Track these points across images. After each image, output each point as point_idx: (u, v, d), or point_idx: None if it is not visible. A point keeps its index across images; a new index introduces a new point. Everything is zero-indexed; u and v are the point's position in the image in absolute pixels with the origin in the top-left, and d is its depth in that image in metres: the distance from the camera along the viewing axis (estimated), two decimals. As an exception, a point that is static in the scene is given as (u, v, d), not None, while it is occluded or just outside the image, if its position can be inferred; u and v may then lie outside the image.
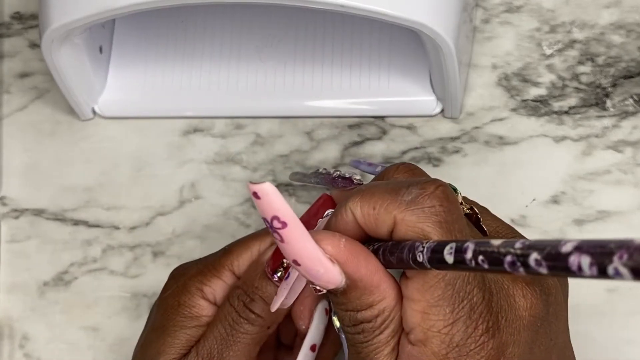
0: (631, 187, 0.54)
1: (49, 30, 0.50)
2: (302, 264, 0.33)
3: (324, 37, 0.58)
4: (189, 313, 0.44)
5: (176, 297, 0.45)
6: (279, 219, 0.32)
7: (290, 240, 0.33)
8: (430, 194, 0.35)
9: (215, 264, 0.46)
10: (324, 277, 0.34)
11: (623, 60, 0.57)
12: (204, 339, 0.44)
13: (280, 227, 0.32)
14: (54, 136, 0.59)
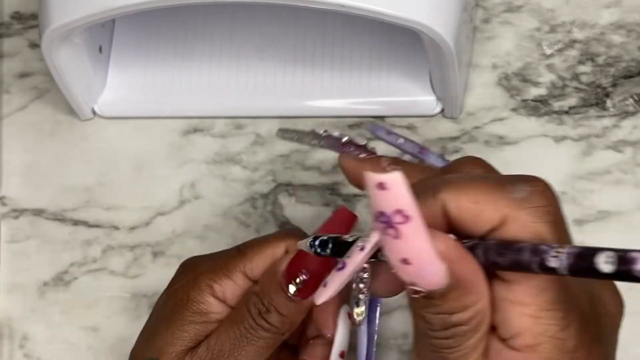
0: (631, 187, 0.54)
1: (48, 30, 0.50)
2: (414, 262, 0.31)
3: (324, 37, 0.58)
4: (198, 309, 0.44)
5: (186, 291, 0.45)
6: (402, 213, 0.30)
7: (409, 236, 0.30)
8: (541, 192, 0.33)
9: (227, 264, 0.45)
10: (434, 278, 0.31)
11: (623, 60, 0.57)
12: (216, 335, 0.44)
13: (402, 221, 0.30)
14: (54, 136, 0.59)
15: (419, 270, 0.31)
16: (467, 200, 0.33)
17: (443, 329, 0.33)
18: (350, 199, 0.55)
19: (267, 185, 0.56)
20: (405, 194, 0.29)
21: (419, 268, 0.31)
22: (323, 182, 0.56)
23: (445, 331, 0.33)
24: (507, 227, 0.32)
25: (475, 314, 0.32)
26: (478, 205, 0.32)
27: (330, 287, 0.35)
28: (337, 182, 0.56)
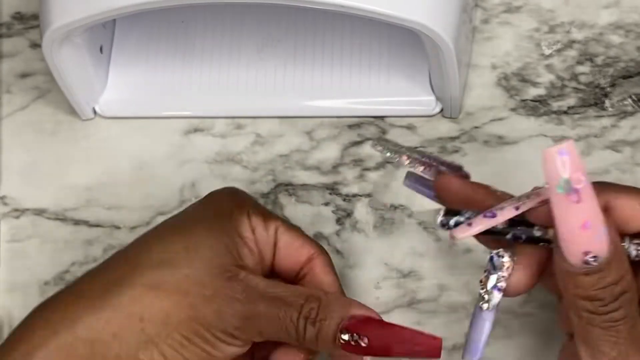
0: (630, 186, 0.55)
1: (49, 30, 0.50)
2: (592, 225, 0.35)
3: (324, 37, 0.58)
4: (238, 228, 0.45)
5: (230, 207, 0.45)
6: (581, 177, 0.34)
7: (589, 199, 0.35)
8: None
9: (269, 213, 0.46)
10: (604, 244, 0.35)
11: (622, 60, 0.58)
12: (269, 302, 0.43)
13: (582, 186, 0.34)
14: (55, 136, 0.59)
15: (596, 234, 0.35)
16: (631, 200, 0.38)
17: (613, 299, 0.36)
18: (350, 199, 0.56)
19: (267, 185, 0.57)
20: (580, 160, 0.35)
21: (596, 231, 0.35)
22: (323, 182, 0.56)
23: (615, 302, 0.36)
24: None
25: (631, 280, 0.37)
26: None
27: (474, 228, 0.38)
28: (337, 182, 0.56)
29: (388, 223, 0.55)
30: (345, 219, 0.55)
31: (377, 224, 0.55)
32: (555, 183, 0.35)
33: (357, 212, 0.55)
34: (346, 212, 0.55)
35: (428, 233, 0.54)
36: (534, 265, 0.40)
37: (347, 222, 0.55)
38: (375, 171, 0.56)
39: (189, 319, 0.42)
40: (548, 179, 0.36)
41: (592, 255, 0.36)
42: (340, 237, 0.55)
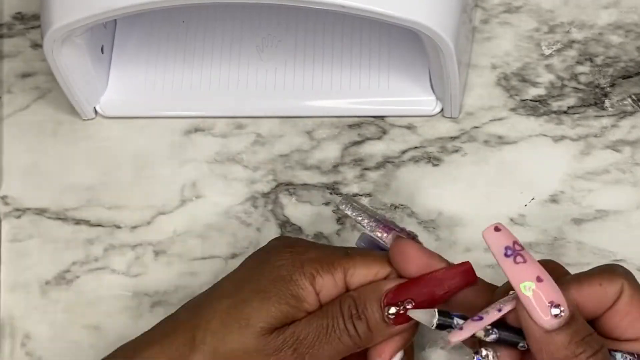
0: (630, 186, 0.55)
1: (50, 30, 0.50)
2: (544, 277, 0.39)
3: (324, 37, 0.59)
4: (297, 292, 0.44)
5: (290, 271, 0.44)
6: (517, 242, 0.40)
7: (531, 258, 0.40)
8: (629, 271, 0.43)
9: (334, 261, 0.45)
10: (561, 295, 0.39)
11: (622, 60, 0.58)
12: (306, 322, 0.44)
13: (520, 249, 0.40)
14: (56, 136, 0.59)
15: (551, 286, 0.39)
16: (593, 284, 0.41)
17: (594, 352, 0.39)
18: (351, 199, 0.56)
19: (267, 185, 0.57)
20: (510, 232, 0.41)
21: (551, 284, 0.39)
22: (323, 182, 0.56)
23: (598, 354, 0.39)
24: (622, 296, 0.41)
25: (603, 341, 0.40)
26: (602, 286, 0.41)
27: (466, 332, 0.41)
28: (337, 182, 0.56)
29: (388, 223, 0.55)
30: (345, 219, 0.55)
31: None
32: (501, 252, 0.40)
33: (358, 212, 0.55)
34: (347, 212, 0.55)
35: (428, 232, 0.54)
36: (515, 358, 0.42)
37: (348, 222, 0.55)
38: (375, 171, 0.56)
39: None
40: (494, 251, 0.40)
41: (557, 304, 0.39)
42: (341, 237, 0.55)
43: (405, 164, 0.56)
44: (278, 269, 0.45)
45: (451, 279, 0.43)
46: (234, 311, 0.44)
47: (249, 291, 0.44)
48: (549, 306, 0.39)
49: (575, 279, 0.42)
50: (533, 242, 0.54)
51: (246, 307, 0.44)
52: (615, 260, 0.53)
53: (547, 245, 0.53)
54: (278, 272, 0.45)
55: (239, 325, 0.43)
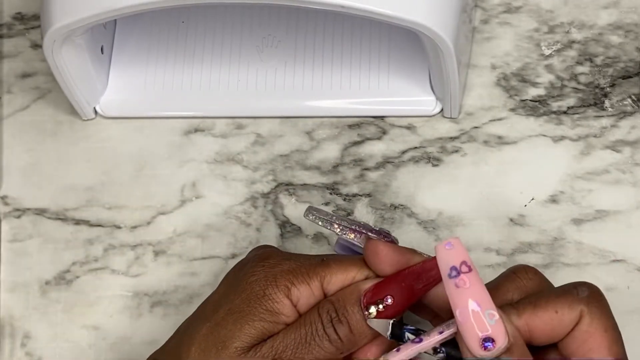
0: (629, 186, 0.55)
1: (50, 30, 0.50)
2: (481, 305, 0.39)
3: (324, 37, 0.59)
4: (271, 307, 0.44)
5: (263, 287, 0.44)
6: (466, 264, 0.39)
7: (475, 283, 0.39)
8: (597, 291, 0.42)
9: (309, 271, 0.45)
10: (497, 327, 0.39)
11: (621, 60, 0.58)
12: (283, 335, 0.43)
13: (467, 271, 0.39)
14: (56, 136, 0.59)
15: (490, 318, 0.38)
16: (548, 311, 0.41)
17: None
18: (350, 199, 0.56)
19: (267, 185, 0.57)
20: (464, 250, 0.40)
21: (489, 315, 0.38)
22: (323, 182, 0.56)
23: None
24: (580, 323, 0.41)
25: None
26: (558, 313, 0.41)
27: (403, 353, 0.41)
28: (337, 182, 0.56)
29: (388, 223, 0.55)
30: (345, 219, 0.55)
31: (377, 224, 0.55)
32: (446, 271, 0.39)
33: (357, 212, 0.56)
34: (346, 212, 0.55)
35: (428, 233, 0.54)
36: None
37: (347, 222, 0.55)
38: (375, 171, 0.56)
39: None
40: (440, 269, 0.40)
41: (489, 339, 0.38)
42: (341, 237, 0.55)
43: (405, 164, 0.56)
44: (251, 285, 0.44)
45: (429, 271, 0.43)
46: (211, 335, 0.44)
47: (224, 313, 0.44)
48: (482, 339, 0.38)
49: (531, 303, 0.42)
50: (533, 242, 0.54)
51: (221, 329, 0.44)
52: (615, 260, 0.53)
53: (546, 246, 0.53)
54: (251, 288, 0.44)
55: (216, 349, 0.43)
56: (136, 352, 0.53)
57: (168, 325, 0.54)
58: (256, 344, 0.43)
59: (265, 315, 0.44)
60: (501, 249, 0.54)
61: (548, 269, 0.53)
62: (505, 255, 0.53)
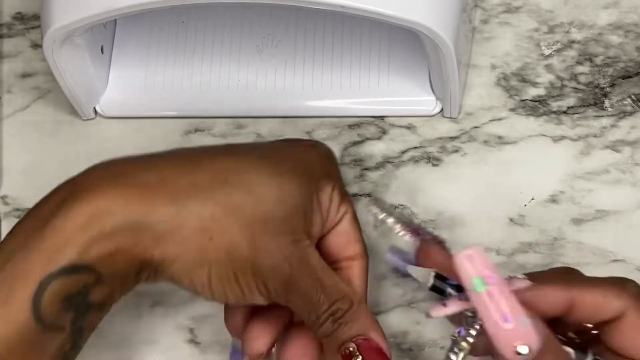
0: (629, 186, 0.55)
1: (50, 30, 0.50)
2: (512, 318, 0.38)
3: (324, 37, 0.59)
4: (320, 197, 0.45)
5: (332, 179, 0.46)
6: (490, 274, 0.38)
7: (501, 292, 0.38)
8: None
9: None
10: (529, 333, 0.38)
11: (621, 60, 0.58)
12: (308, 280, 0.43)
13: (493, 282, 0.38)
14: (56, 136, 0.59)
15: (519, 326, 0.38)
16: (596, 294, 0.41)
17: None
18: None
19: (267, 185, 0.57)
20: (487, 259, 0.38)
21: (518, 323, 0.38)
22: (323, 182, 0.56)
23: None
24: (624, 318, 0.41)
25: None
26: (605, 298, 0.41)
27: (449, 309, 0.40)
28: (337, 182, 0.56)
29: (388, 223, 0.55)
30: (345, 219, 0.55)
31: (377, 224, 0.55)
32: (469, 284, 0.38)
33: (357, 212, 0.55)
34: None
35: (428, 233, 0.55)
36: None
37: (347, 222, 0.55)
38: (375, 171, 0.56)
39: (247, 261, 0.42)
40: (464, 282, 0.39)
41: (522, 346, 0.38)
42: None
43: (405, 164, 0.56)
44: (312, 166, 0.45)
45: None
46: (276, 193, 0.43)
47: (293, 182, 0.44)
48: (515, 346, 0.38)
49: (583, 281, 0.42)
50: (533, 242, 0.54)
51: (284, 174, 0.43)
52: (615, 260, 0.53)
53: (546, 246, 0.53)
54: (312, 166, 0.45)
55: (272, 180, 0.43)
56: (136, 352, 0.53)
57: (168, 325, 0.54)
58: (299, 224, 0.43)
59: (315, 201, 0.44)
60: (501, 248, 0.54)
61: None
62: (505, 255, 0.53)
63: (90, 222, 0.40)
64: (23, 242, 0.40)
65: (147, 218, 0.41)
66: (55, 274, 0.39)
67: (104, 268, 0.40)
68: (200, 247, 0.41)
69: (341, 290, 0.44)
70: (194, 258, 0.42)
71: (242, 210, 0.42)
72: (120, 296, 0.43)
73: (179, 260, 0.42)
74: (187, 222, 0.41)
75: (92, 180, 0.42)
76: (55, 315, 0.40)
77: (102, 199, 0.40)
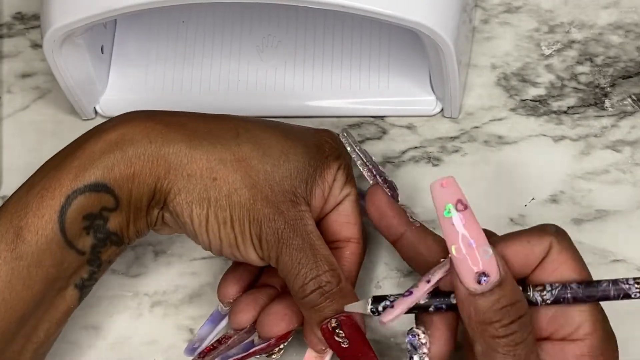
0: (630, 186, 0.55)
1: (50, 30, 0.50)
2: (477, 245, 0.39)
3: (324, 37, 0.59)
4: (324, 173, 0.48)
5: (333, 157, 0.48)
6: (461, 202, 0.40)
7: (470, 220, 0.40)
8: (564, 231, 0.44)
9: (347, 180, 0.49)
10: (491, 262, 0.39)
11: (621, 60, 0.58)
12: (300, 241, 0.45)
13: (463, 209, 0.40)
14: (56, 136, 0.59)
15: (483, 254, 0.39)
16: (521, 241, 0.42)
17: (510, 321, 0.40)
18: (350, 199, 0.56)
19: (267, 185, 0.57)
20: (460, 189, 0.40)
21: (482, 251, 0.39)
22: (323, 182, 0.56)
23: (513, 324, 0.40)
24: (551, 253, 0.42)
25: (526, 307, 0.40)
26: (530, 243, 0.42)
27: (397, 309, 0.41)
28: (337, 182, 0.56)
29: (388, 223, 0.55)
30: (345, 219, 0.55)
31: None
32: (442, 209, 0.40)
33: (357, 212, 0.55)
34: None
35: (428, 233, 0.54)
36: (447, 331, 0.43)
37: (347, 222, 0.55)
38: (375, 171, 0.56)
39: (245, 207, 0.45)
40: (436, 207, 0.40)
41: (484, 274, 0.39)
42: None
43: (405, 164, 0.56)
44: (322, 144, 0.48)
45: None
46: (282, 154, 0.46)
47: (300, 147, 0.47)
48: (476, 273, 0.39)
49: (503, 237, 0.43)
50: (533, 242, 0.54)
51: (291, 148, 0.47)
52: (615, 260, 0.53)
53: (547, 245, 0.53)
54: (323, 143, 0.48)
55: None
56: (136, 352, 0.53)
57: (168, 325, 0.54)
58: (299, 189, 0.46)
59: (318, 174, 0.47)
60: (501, 248, 0.54)
61: (548, 268, 0.53)
62: (505, 255, 0.53)
63: (116, 147, 0.45)
64: (57, 163, 0.45)
65: (162, 150, 0.45)
66: (81, 190, 0.44)
67: (122, 192, 0.45)
68: (203, 184, 0.45)
69: (332, 263, 0.46)
70: (197, 193, 0.45)
71: (248, 161, 0.45)
72: (134, 234, 0.47)
73: (183, 192, 0.45)
74: (195, 160, 0.45)
75: (124, 116, 0.47)
76: (77, 234, 0.45)
77: (129, 129, 0.46)
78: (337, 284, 0.45)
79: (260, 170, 0.45)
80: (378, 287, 0.53)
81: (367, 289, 0.53)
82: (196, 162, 0.45)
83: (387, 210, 0.48)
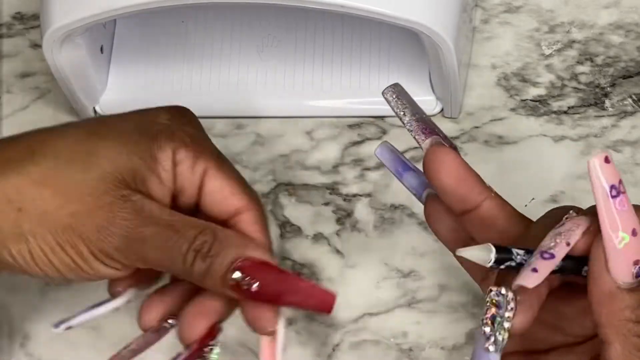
0: (630, 186, 0.55)
1: (50, 30, 0.50)
2: (638, 234, 0.34)
3: (324, 37, 0.59)
4: (155, 153, 0.42)
5: (161, 130, 0.43)
6: (622, 182, 0.34)
7: (630, 206, 0.34)
8: None
9: (206, 151, 0.43)
10: None
11: (622, 60, 0.58)
12: (160, 212, 0.41)
13: (624, 191, 0.34)
14: (55, 136, 0.59)
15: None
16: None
17: None
18: (350, 199, 0.56)
19: (267, 185, 0.57)
20: (615, 169, 0.35)
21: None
22: (323, 182, 0.56)
23: None
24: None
25: None
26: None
27: (542, 274, 0.35)
28: (337, 182, 0.56)
29: (388, 223, 0.55)
30: (345, 219, 0.55)
31: (377, 224, 0.55)
32: (605, 189, 0.35)
33: (357, 212, 0.55)
34: (346, 212, 0.55)
35: (428, 233, 0.54)
36: (534, 300, 0.37)
37: (347, 222, 0.55)
38: (375, 171, 0.56)
39: (67, 227, 0.40)
40: (596, 186, 0.35)
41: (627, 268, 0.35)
42: (341, 237, 0.55)
43: (405, 164, 0.56)
44: (149, 123, 0.43)
45: (308, 297, 0.41)
46: (91, 154, 0.41)
47: (113, 137, 0.42)
48: (634, 264, 0.35)
49: None
50: (533, 243, 0.54)
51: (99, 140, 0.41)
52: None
53: (547, 246, 0.53)
54: (150, 125, 0.43)
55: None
56: (136, 353, 0.53)
57: (168, 325, 0.54)
58: (123, 183, 0.41)
59: (146, 159, 0.41)
60: (501, 249, 0.54)
61: (548, 269, 0.53)
62: (505, 255, 0.53)
63: None
64: None
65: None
66: None
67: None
68: (9, 219, 0.40)
69: (198, 225, 0.41)
70: (7, 231, 0.40)
71: (53, 177, 0.40)
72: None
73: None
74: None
75: None
76: None
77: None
78: (214, 239, 0.40)
79: (69, 181, 0.40)
80: (378, 287, 0.53)
81: (367, 289, 0.53)
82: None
83: (468, 174, 0.41)
